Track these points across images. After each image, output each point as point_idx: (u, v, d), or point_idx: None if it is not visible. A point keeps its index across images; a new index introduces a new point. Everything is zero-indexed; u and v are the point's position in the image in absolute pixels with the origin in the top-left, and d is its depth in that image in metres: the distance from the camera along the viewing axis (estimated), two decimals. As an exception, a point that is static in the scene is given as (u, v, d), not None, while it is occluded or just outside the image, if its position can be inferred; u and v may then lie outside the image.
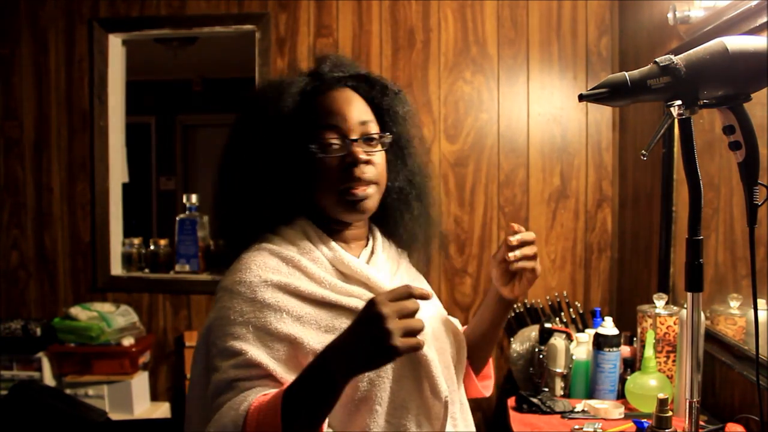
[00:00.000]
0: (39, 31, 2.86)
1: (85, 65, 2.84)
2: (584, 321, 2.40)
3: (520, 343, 2.11)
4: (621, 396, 1.82)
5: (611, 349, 1.82)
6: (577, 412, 1.72)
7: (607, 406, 1.69)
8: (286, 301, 1.01)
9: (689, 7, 1.74)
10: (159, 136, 6.18)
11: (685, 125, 0.89)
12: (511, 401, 1.81)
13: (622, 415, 1.67)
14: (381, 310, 0.83)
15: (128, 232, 3.01)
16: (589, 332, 1.93)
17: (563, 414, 1.71)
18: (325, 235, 1.11)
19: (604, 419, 1.66)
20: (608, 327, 1.84)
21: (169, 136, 6.19)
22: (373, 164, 1.09)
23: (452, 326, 1.21)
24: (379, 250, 1.17)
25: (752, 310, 1.00)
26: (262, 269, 1.04)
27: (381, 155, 1.12)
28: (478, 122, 2.69)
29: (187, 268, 2.81)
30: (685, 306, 0.98)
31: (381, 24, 2.71)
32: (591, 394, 1.85)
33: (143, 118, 5.89)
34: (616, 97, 0.90)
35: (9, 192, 2.90)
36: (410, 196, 1.20)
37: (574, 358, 1.91)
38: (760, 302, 1.45)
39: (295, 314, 1.01)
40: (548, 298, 2.57)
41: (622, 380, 1.82)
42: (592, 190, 2.65)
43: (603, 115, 2.65)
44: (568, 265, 2.66)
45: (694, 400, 0.92)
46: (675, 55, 0.88)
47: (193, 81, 5.86)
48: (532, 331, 2.12)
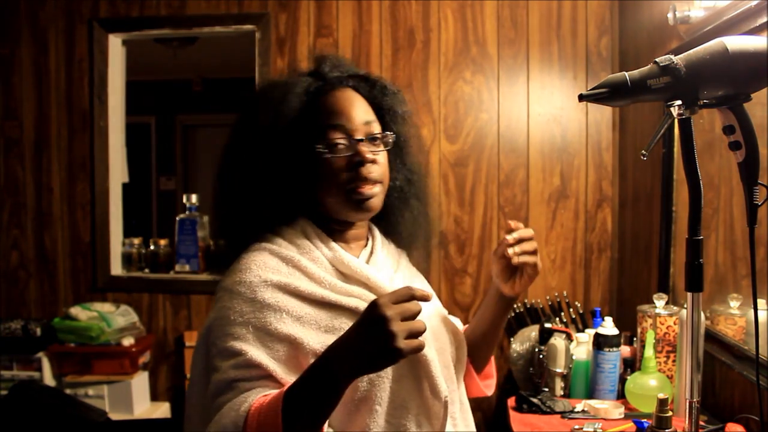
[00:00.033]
0: (39, 31, 2.86)
1: (85, 65, 2.84)
2: (584, 321, 2.40)
3: (520, 343, 2.11)
4: (621, 396, 1.82)
5: (611, 349, 1.82)
6: (577, 412, 1.72)
7: (607, 406, 1.69)
8: (286, 301, 1.01)
9: (689, 7, 1.74)
10: (159, 136, 6.19)
11: (685, 125, 0.89)
12: (511, 401, 1.81)
13: (622, 415, 1.67)
14: (385, 313, 0.83)
15: (128, 232, 3.01)
16: (589, 332, 1.93)
17: (563, 414, 1.71)
18: (324, 235, 1.11)
19: (604, 419, 1.66)
20: (608, 327, 1.84)
21: (169, 136, 6.20)
22: (378, 164, 1.10)
23: (451, 325, 1.21)
24: (379, 250, 1.18)
25: (752, 310, 1.00)
26: (262, 269, 1.04)
27: (384, 155, 1.12)
28: (478, 122, 2.69)
29: (187, 268, 2.82)
30: (685, 306, 0.98)
31: (381, 24, 2.71)
32: (591, 394, 1.85)
33: (143, 118, 5.89)
34: (616, 97, 0.90)
35: (9, 192, 2.90)
36: (409, 195, 1.21)
37: (574, 358, 1.91)
38: (760, 302, 1.45)
39: (295, 314, 1.01)
40: (548, 298, 2.57)
41: (622, 380, 1.82)
42: (592, 190, 2.65)
43: (603, 115, 2.65)
44: (568, 265, 2.66)
45: (694, 400, 0.92)
46: (675, 55, 0.88)
47: (193, 81, 5.86)
48: (532, 331, 2.12)
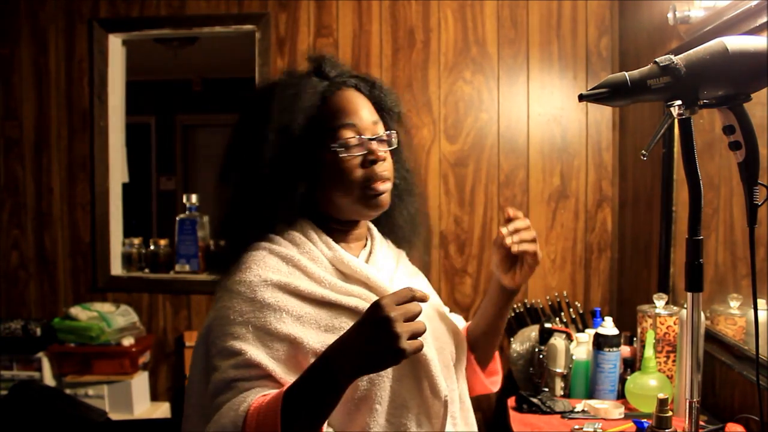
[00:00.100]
0: (39, 31, 2.86)
1: (85, 65, 2.84)
2: (584, 321, 2.40)
3: (520, 343, 2.11)
4: (621, 396, 1.82)
5: (611, 349, 1.81)
6: (577, 412, 1.72)
7: (607, 406, 1.69)
8: (285, 301, 1.01)
9: (689, 7, 1.74)
10: (159, 136, 6.19)
11: (685, 125, 0.89)
12: (511, 401, 1.81)
13: (622, 415, 1.67)
14: (389, 313, 0.84)
15: (128, 232, 3.01)
16: (589, 332, 1.93)
17: (563, 414, 1.71)
18: (324, 235, 1.11)
19: (604, 419, 1.66)
20: (608, 327, 1.83)
21: (169, 136, 6.20)
22: (387, 161, 1.11)
23: (451, 325, 1.21)
24: (378, 249, 1.18)
25: (752, 310, 1.00)
26: (262, 269, 1.04)
27: (388, 153, 1.13)
28: (478, 122, 2.69)
29: (187, 268, 2.82)
30: (685, 306, 0.98)
31: (381, 24, 2.71)
32: (591, 394, 1.85)
33: (143, 118, 5.90)
34: (616, 97, 0.90)
35: (9, 192, 2.90)
36: (405, 193, 1.22)
37: (574, 358, 1.91)
38: (760, 302, 1.45)
39: (295, 314, 1.01)
40: (548, 298, 2.57)
41: (622, 380, 1.82)
42: (592, 190, 2.65)
43: (603, 115, 2.65)
44: (568, 265, 2.66)
45: (694, 400, 0.92)
46: (675, 55, 0.88)
47: (193, 81, 5.87)
48: (532, 331, 2.12)
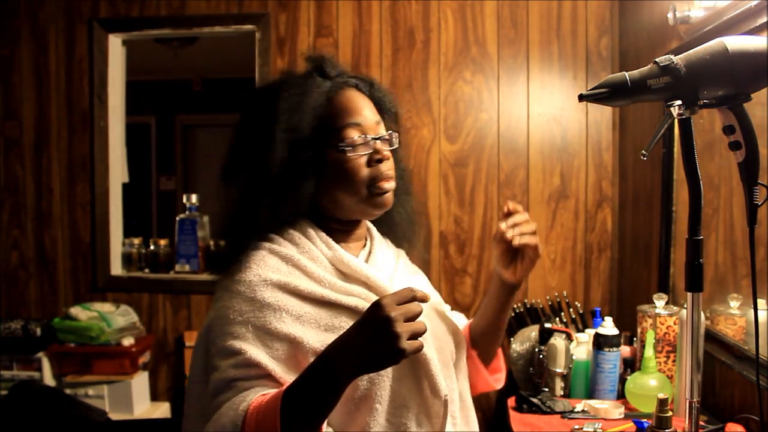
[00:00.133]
0: (39, 31, 2.86)
1: (85, 65, 2.84)
2: (584, 321, 2.40)
3: (520, 343, 2.11)
4: (621, 396, 1.82)
5: (611, 349, 1.81)
6: (577, 412, 1.72)
7: (607, 406, 1.69)
8: (285, 301, 1.01)
9: (689, 7, 1.74)
10: (159, 136, 6.19)
11: (685, 125, 0.89)
12: (511, 401, 1.81)
13: (622, 415, 1.67)
14: (389, 313, 0.84)
15: (128, 232, 3.01)
16: (589, 332, 1.93)
17: (563, 414, 1.71)
18: (324, 235, 1.11)
19: (604, 419, 1.66)
20: (608, 327, 1.83)
21: (169, 136, 6.20)
22: (390, 161, 1.12)
23: (451, 324, 1.21)
24: (377, 249, 1.18)
25: (752, 310, 1.00)
26: (262, 268, 1.04)
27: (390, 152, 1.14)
28: (478, 122, 2.69)
29: (187, 268, 2.82)
30: (685, 306, 0.98)
31: (381, 24, 2.71)
32: (591, 394, 1.85)
33: (143, 118, 5.90)
34: (616, 97, 0.90)
35: (9, 192, 2.90)
36: (402, 192, 1.22)
37: (574, 358, 1.91)
38: (760, 302, 1.45)
39: (295, 313, 1.01)
40: (548, 298, 2.57)
41: (622, 380, 1.82)
42: (592, 190, 2.65)
43: (603, 115, 2.64)
44: (568, 265, 2.66)
45: (694, 400, 0.92)
46: (675, 55, 0.88)
47: (193, 81, 5.87)
48: (532, 331, 2.12)
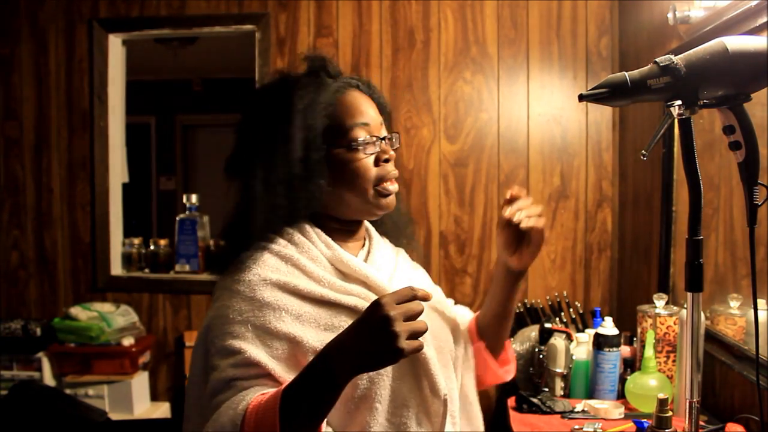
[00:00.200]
0: (39, 31, 2.86)
1: (85, 65, 2.84)
2: (584, 321, 2.40)
3: (520, 343, 2.11)
4: (621, 396, 1.82)
5: (611, 349, 1.81)
6: (577, 412, 1.72)
7: (607, 406, 1.69)
8: (285, 300, 1.01)
9: (689, 7, 1.74)
10: (159, 136, 6.19)
11: (685, 125, 0.89)
12: (511, 401, 1.81)
13: (622, 415, 1.67)
14: (388, 313, 0.84)
15: (128, 232, 3.01)
16: (589, 332, 1.93)
17: (563, 414, 1.71)
18: (324, 234, 1.11)
19: (604, 419, 1.66)
20: (608, 327, 1.83)
21: (169, 136, 6.20)
22: (393, 161, 1.13)
23: (451, 322, 1.21)
24: (376, 248, 1.18)
25: (752, 310, 1.00)
26: (261, 268, 1.04)
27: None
28: (478, 122, 2.69)
29: (187, 268, 2.82)
30: (685, 306, 0.98)
31: (381, 24, 2.71)
32: (591, 394, 1.85)
33: (143, 118, 5.89)
34: (616, 97, 0.90)
35: (9, 192, 2.90)
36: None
37: (574, 358, 1.90)
38: (760, 302, 1.45)
39: (295, 313, 1.01)
40: (548, 298, 2.57)
41: (622, 380, 1.82)
42: (592, 190, 2.65)
43: (603, 115, 2.64)
44: (568, 265, 2.66)
45: (694, 400, 0.92)
46: (675, 55, 0.88)
47: (193, 81, 5.86)
48: (532, 331, 2.12)
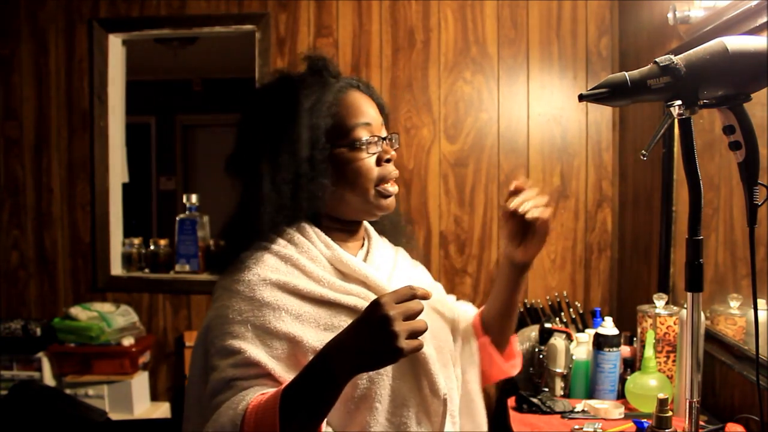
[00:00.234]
0: (39, 31, 2.86)
1: (85, 65, 2.84)
2: (584, 321, 2.40)
3: (520, 343, 2.11)
4: (621, 396, 1.82)
5: (611, 349, 1.81)
6: (577, 412, 1.72)
7: (607, 406, 1.69)
8: (284, 300, 1.01)
9: (689, 7, 1.74)
10: (159, 136, 6.19)
11: (685, 125, 0.89)
12: (511, 401, 1.81)
13: (622, 415, 1.67)
14: (388, 312, 0.84)
15: (128, 232, 3.01)
16: (589, 332, 1.93)
17: (563, 414, 1.71)
18: (323, 234, 1.11)
19: (604, 419, 1.66)
20: (608, 327, 1.83)
21: (169, 136, 6.19)
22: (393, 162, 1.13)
23: (451, 321, 1.21)
24: (375, 248, 1.19)
25: (752, 310, 1.00)
26: (261, 268, 1.04)
27: None
28: (478, 122, 2.69)
29: (187, 268, 2.82)
30: (685, 306, 0.98)
31: (381, 24, 2.71)
32: (591, 394, 1.85)
33: (143, 118, 5.89)
34: (616, 97, 0.90)
35: (9, 192, 2.90)
36: None
37: (574, 358, 1.90)
38: (760, 302, 1.45)
39: (294, 313, 1.01)
40: (548, 298, 2.57)
41: (622, 380, 1.82)
42: (592, 190, 2.65)
43: (603, 115, 2.64)
44: (568, 265, 2.66)
45: (694, 400, 0.92)
46: (675, 55, 0.88)
47: (193, 81, 5.87)
48: (532, 331, 2.12)
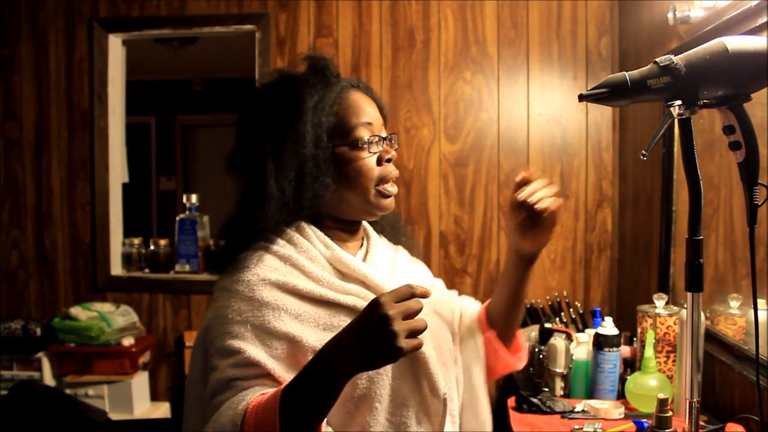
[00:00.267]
0: (39, 31, 2.86)
1: (85, 65, 2.84)
2: (584, 321, 2.39)
3: (520, 343, 2.11)
4: (621, 396, 1.82)
5: (611, 349, 1.81)
6: (577, 412, 1.72)
7: (607, 406, 1.69)
8: (284, 300, 1.01)
9: (689, 7, 1.74)
10: (159, 136, 6.19)
11: (685, 125, 0.89)
12: (511, 401, 1.81)
13: (622, 415, 1.67)
14: (387, 311, 0.84)
15: (128, 232, 3.01)
16: (589, 332, 1.93)
17: (563, 414, 1.71)
18: (322, 234, 1.11)
19: (604, 419, 1.66)
20: (608, 327, 1.83)
21: (169, 136, 6.19)
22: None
23: (450, 320, 1.21)
24: (374, 248, 1.19)
25: (752, 310, 1.00)
26: (260, 268, 1.04)
27: None
28: (478, 122, 2.69)
29: (187, 268, 2.82)
30: (685, 306, 0.98)
31: (381, 24, 2.71)
32: (591, 394, 1.85)
33: (143, 118, 5.89)
34: (616, 97, 0.90)
35: (9, 192, 2.90)
36: None
37: (574, 358, 1.90)
38: (760, 302, 1.45)
39: (294, 312, 1.01)
40: (548, 298, 2.56)
41: (622, 380, 1.82)
42: (592, 190, 2.65)
43: (603, 115, 2.64)
44: (568, 265, 2.66)
45: (694, 400, 0.92)
46: (675, 55, 0.88)
47: (193, 81, 5.87)
48: (532, 331, 2.12)
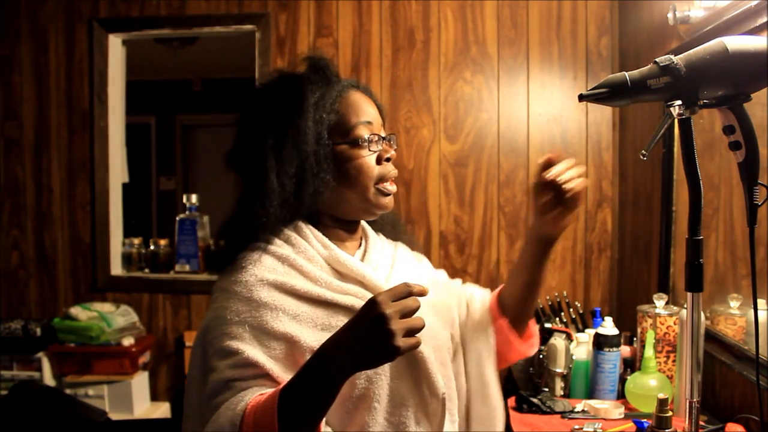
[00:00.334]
0: (39, 31, 2.86)
1: (85, 65, 2.84)
2: (584, 321, 2.39)
3: (520, 343, 2.11)
4: (621, 396, 1.82)
5: (611, 349, 1.81)
6: (577, 412, 1.72)
7: (607, 406, 1.69)
8: (282, 300, 1.01)
9: (689, 7, 1.74)
10: (159, 136, 6.19)
11: (685, 125, 0.89)
12: (511, 401, 1.81)
13: (622, 415, 1.67)
14: (384, 310, 0.83)
15: (128, 232, 3.01)
16: (589, 332, 1.93)
17: (563, 414, 1.71)
18: (320, 234, 1.11)
19: (604, 419, 1.65)
20: (608, 327, 1.83)
21: (169, 136, 6.19)
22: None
23: (449, 319, 1.21)
24: (372, 248, 1.18)
25: (752, 310, 1.00)
26: (258, 268, 1.04)
27: None
28: (478, 122, 2.69)
29: (187, 268, 2.82)
30: (685, 306, 0.98)
31: (381, 24, 2.71)
32: (591, 394, 1.85)
33: (143, 118, 5.89)
34: (616, 97, 0.90)
35: (9, 192, 2.90)
36: None
37: (574, 358, 1.90)
38: (760, 302, 1.45)
39: (292, 313, 1.01)
40: (548, 298, 2.56)
41: (622, 380, 1.82)
42: (592, 190, 2.65)
43: (603, 115, 2.64)
44: (568, 265, 2.66)
45: (694, 400, 0.92)
46: (675, 55, 0.88)
47: (193, 81, 5.86)
48: (532, 331, 2.12)
